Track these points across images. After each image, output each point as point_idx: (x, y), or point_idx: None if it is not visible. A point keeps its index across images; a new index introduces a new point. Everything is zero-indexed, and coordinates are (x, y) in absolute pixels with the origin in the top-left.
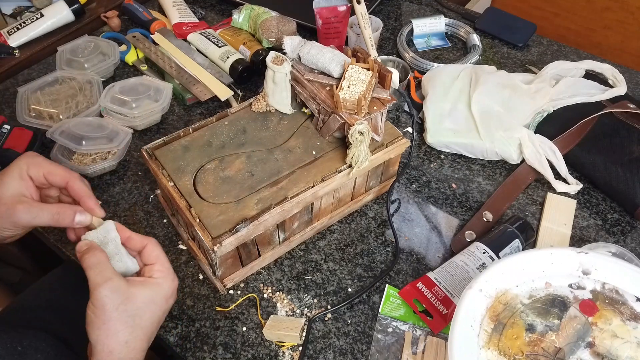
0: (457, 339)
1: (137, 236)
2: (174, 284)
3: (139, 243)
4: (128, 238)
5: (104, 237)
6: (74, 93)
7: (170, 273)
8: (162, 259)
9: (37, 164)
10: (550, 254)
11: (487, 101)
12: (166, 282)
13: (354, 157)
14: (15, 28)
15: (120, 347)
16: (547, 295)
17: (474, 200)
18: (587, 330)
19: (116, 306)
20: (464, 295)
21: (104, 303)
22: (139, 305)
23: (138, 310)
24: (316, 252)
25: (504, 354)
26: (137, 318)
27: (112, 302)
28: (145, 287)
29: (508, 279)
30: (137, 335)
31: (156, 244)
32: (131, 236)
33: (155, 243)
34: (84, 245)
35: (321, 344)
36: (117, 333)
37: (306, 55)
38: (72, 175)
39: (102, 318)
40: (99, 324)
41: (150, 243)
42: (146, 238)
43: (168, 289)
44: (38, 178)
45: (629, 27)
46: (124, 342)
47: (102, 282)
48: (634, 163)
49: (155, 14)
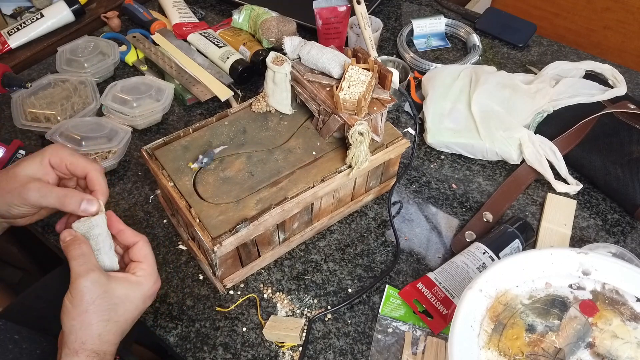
0: (457, 340)
1: (130, 232)
2: (155, 286)
3: (130, 239)
4: (121, 231)
5: (87, 230)
6: (68, 94)
7: (154, 274)
8: (149, 259)
9: (61, 154)
10: (550, 254)
11: (487, 101)
12: (148, 283)
13: (354, 158)
14: (15, 28)
15: (93, 339)
16: (547, 296)
17: (474, 201)
18: (587, 331)
19: (94, 299)
20: (464, 295)
21: (83, 294)
22: (115, 300)
23: (114, 305)
24: (316, 252)
25: (504, 354)
26: (112, 312)
27: (90, 294)
28: (125, 283)
29: (508, 279)
30: (110, 329)
31: (146, 243)
32: (124, 230)
33: (146, 242)
34: (68, 236)
35: (321, 345)
36: (91, 325)
37: (306, 56)
38: (93, 167)
39: (79, 309)
40: (75, 314)
41: (142, 241)
42: (139, 235)
43: (148, 290)
44: (60, 167)
45: (629, 27)
46: (97, 334)
47: (84, 273)
48: (634, 163)
49: (155, 14)
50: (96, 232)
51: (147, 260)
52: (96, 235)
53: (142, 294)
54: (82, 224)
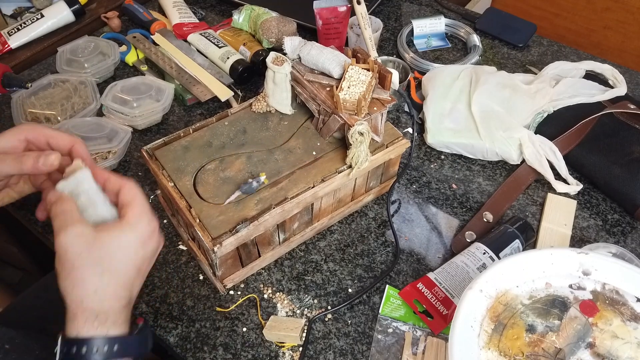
0: (457, 340)
1: (115, 177)
2: (150, 226)
3: (116, 184)
4: (106, 180)
5: (74, 187)
6: (68, 95)
7: (146, 213)
8: (139, 199)
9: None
10: (551, 254)
11: (487, 101)
12: (141, 224)
13: (354, 158)
14: (15, 29)
15: (90, 295)
16: (547, 296)
17: (474, 201)
18: (587, 331)
19: (79, 253)
20: (464, 295)
21: (66, 250)
22: (107, 250)
23: (106, 255)
24: (316, 252)
25: (504, 354)
26: (105, 263)
27: (74, 249)
28: (115, 229)
29: (508, 280)
30: (108, 282)
31: (133, 185)
32: (109, 178)
33: (133, 184)
34: (53, 197)
35: (321, 345)
36: (84, 281)
37: (306, 56)
38: (77, 140)
39: (66, 267)
40: (65, 274)
41: (128, 183)
42: (124, 179)
43: (144, 231)
44: (38, 142)
45: (629, 28)
46: (93, 290)
47: (63, 228)
48: (634, 163)
49: (156, 14)
50: (86, 187)
51: (135, 201)
52: (86, 190)
53: (137, 236)
54: (68, 183)
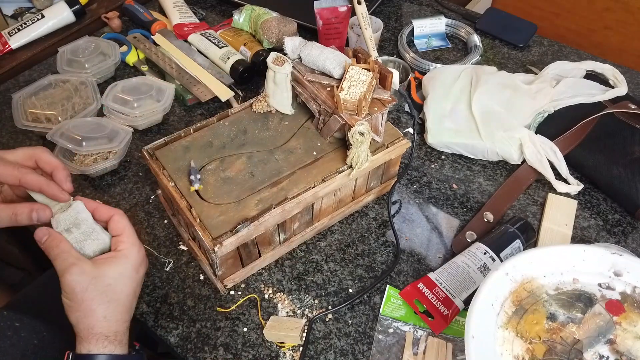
0: (475, 315)
1: (104, 207)
2: (140, 254)
3: (105, 214)
4: (95, 209)
5: (75, 218)
6: (69, 95)
7: (136, 243)
8: (128, 231)
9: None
10: (584, 250)
11: (487, 101)
12: (132, 253)
13: (355, 158)
14: (16, 29)
15: (100, 322)
16: (574, 290)
17: (474, 201)
18: (609, 328)
19: (85, 287)
20: (489, 275)
21: (73, 287)
22: (109, 281)
23: (109, 286)
24: (317, 252)
25: (520, 336)
26: (110, 293)
27: (80, 285)
28: (111, 262)
29: (536, 269)
30: (115, 308)
31: (122, 215)
32: (98, 207)
33: (122, 214)
34: (43, 236)
35: (322, 345)
36: (94, 311)
37: (307, 56)
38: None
39: (76, 301)
40: (75, 307)
41: (117, 214)
42: (113, 209)
43: (135, 260)
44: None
45: (629, 28)
46: (102, 317)
47: (67, 269)
48: (634, 163)
49: (156, 14)
50: (84, 216)
51: (126, 232)
52: (85, 219)
53: (131, 266)
54: (67, 215)
